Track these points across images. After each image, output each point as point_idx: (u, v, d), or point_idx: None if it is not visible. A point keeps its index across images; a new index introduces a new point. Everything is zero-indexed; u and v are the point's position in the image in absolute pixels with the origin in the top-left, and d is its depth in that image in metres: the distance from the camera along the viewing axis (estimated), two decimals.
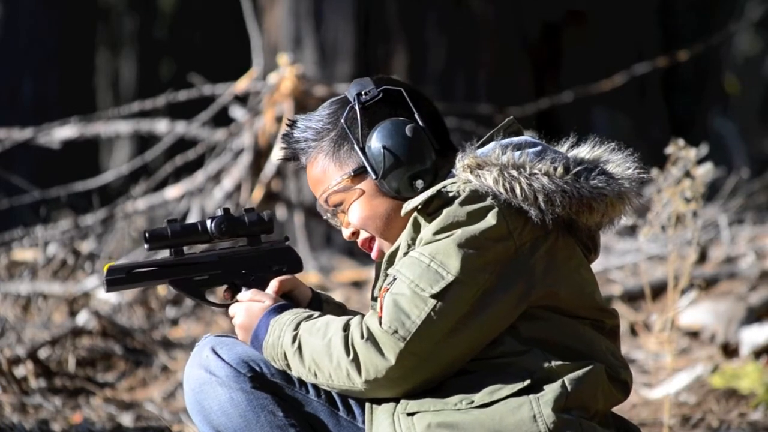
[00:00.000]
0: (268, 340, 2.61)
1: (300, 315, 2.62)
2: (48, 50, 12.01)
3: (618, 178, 2.57)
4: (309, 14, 8.73)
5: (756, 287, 5.84)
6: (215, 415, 2.64)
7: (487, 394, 2.49)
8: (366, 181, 2.68)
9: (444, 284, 2.48)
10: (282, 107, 6.52)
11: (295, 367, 2.58)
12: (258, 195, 6.49)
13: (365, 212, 2.68)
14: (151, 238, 2.71)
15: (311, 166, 2.73)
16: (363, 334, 2.50)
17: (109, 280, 2.71)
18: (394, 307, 2.48)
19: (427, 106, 2.70)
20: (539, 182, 2.50)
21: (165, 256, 2.75)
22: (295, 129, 2.74)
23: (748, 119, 15.82)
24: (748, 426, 4.38)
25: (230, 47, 14.23)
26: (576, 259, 2.59)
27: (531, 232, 2.52)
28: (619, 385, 2.59)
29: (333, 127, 2.70)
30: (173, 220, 2.73)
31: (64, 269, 6.43)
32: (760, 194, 7.92)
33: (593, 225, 2.60)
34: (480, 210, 2.51)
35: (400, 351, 2.47)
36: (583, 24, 9.24)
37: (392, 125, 2.64)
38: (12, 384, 5.22)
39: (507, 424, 2.47)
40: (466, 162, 2.56)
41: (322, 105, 2.74)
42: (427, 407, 2.51)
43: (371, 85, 2.68)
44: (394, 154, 2.63)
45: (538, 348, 2.52)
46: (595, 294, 2.61)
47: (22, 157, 9.74)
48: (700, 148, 4.23)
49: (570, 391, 2.49)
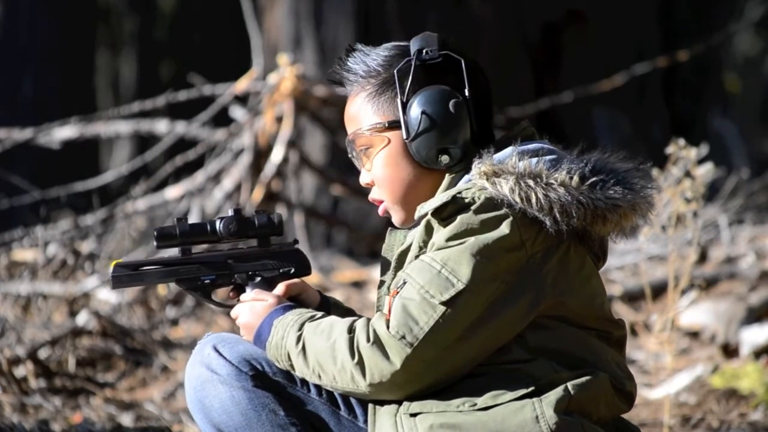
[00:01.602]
0: (272, 341, 2.60)
1: (304, 315, 2.61)
2: (48, 50, 12.00)
3: (633, 189, 2.56)
4: (309, 14, 8.73)
5: (756, 287, 5.84)
6: (216, 413, 2.63)
7: (490, 397, 2.49)
8: (396, 136, 2.65)
9: (454, 292, 2.47)
10: (282, 107, 6.52)
11: (299, 368, 2.58)
12: (258, 195, 6.49)
13: (387, 168, 2.67)
14: (159, 236, 2.71)
15: (351, 100, 2.71)
16: (369, 338, 2.49)
17: (115, 277, 2.71)
18: (402, 312, 2.47)
19: (481, 85, 2.67)
20: (555, 193, 2.49)
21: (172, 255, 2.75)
22: (350, 57, 2.71)
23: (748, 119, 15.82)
24: (748, 426, 4.38)
25: (230, 47, 14.23)
26: (587, 269, 2.59)
27: (544, 242, 2.51)
28: (623, 396, 2.59)
29: (384, 71, 2.67)
30: (182, 218, 2.73)
31: (64, 269, 6.43)
32: (760, 194, 7.92)
33: (606, 235, 2.60)
34: (494, 219, 2.49)
35: (406, 356, 2.46)
36: (583, 24, 9.24)
37: (438, 93, 2.62)
38: (12, 384, 5.22)
39: (509, 425, 2.47)
40: (482, 169, 2.53)
41: (384, 45, 2.71)
42: (430, 408, 2.51)
43: (435, 45, 2.64)
44: (431, 121, 2.60)
45: (544, 357, 2.51)
46: (604, 304, 2.61)
47: (22, 157, 9.73)
48: (700, 148, 4.23)
49: (573, 395, 2.49)
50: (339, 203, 8.28)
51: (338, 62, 2.72)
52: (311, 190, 8.24)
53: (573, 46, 9.21)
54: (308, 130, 7.75)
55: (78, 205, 7.02)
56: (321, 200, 8.32)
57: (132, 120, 7.00)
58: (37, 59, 11.93)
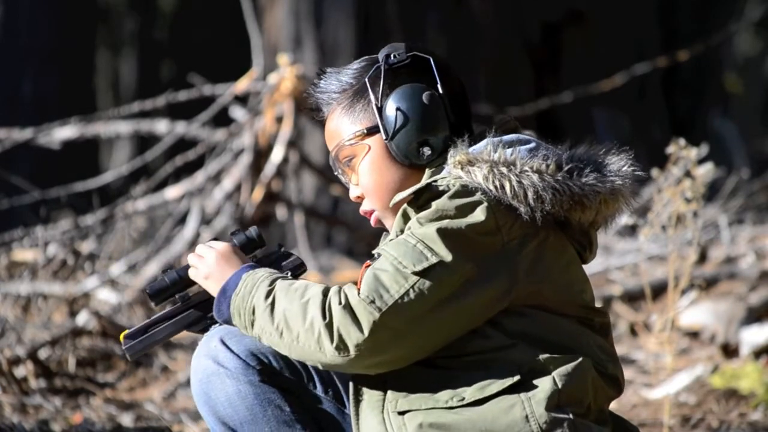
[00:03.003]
0: (239, 293, 2.57)
1: (276, 274, 2.60)
2: (48, 51, 12.01)
3: (610, 175, 2.57)
4: (309, 14, 8.74)
5: (756, 287, 5.84)
6: (222, 407, 2.63)
7: (477, 390, 2.48)
8: (377, 140, 2.67)
9: (427, 264, 2.46)
10: (282, 107, 6.52)
11: (260, 324, 2.54)
12: (258, 195, 6.49)
13: (373, 175, 2.68)
14: (153, 294, 2.72)
15: (329, 119, 2.73)
16: (341, 301, 2.47)
17: (128, 348, 2.72)
18: (374, 280, 2.47)
19: (453, 80, 2.69)
20: (529, 179, 2.50)
21: (174, 307, 2.75)
22: (322, 79, 2.74)
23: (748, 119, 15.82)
24: (748, 426, 4.38)
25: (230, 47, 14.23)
26: (566, 257, 2.58)
27: (520, 229, 2.51)
28: (609, 379, 2.58)
29: (356, 83, 2.70)
30: (168, 268, 2.73)
31: (64, 269, 6.43)
32: (760, 194, 7.93)
33: (586, 223, 2.60)
34: (469, 204, 2.50)
35: (374, 322, 2.44)
36: (583, 24, 9.24)
37: (411, 89, 2.64)
38: (12, 384, 5.22)
39: (499, 424, 2.46)
40: (457, 158, 2.55)
41: (354, 61, 2.75)
42: (418, 405, 2.50)
43: (402, 49, 2.68)
44: (406, 116, 2.63)
45: (525, 342, 2.51)
46: (584, 293, 2.60)
47: (22, 157, 9.73)
48: (700, 148, 4.23)
49: (561, 387, 2.48)
50: (339, 203, 8.28)
51: (311, 88, 2.75)
52: (311, 190, 8.25)
53: (573, 46, 9.22)
54: (308, 130, 7.75)
55: (78, 205, 7.02)
56: (321, 200, 8.33)
57: (132, 120, 6.99)
58: (37, 59, 11.94)
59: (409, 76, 2.66)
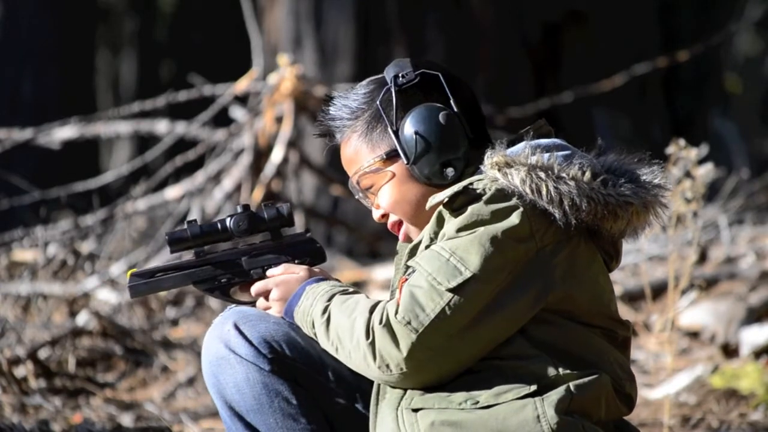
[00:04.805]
0: (301, 306, 2.61)
1: (336, 288, 2.62)
2: (48, 50, 12.01)
3: (645, 188, 2.57)
4: (309, 14, 8.74)
5: (756, 287, 5.84)
6: (230, 392, 2.64)
7: (492, 395, 2.49)
8: (398, 164, 2.67)
9: (461, 279, 2.47)
10: (282, 108, 6.52)
11: (321, 338, 2.58)
12: (258, 195, 6.49)
13: (395, 196, 2.68)
14: (172, 240, 2.72)
15: (345, 145, 2.73)
16: (382, 320, 2.49)
17: (132, 286, 2.73)
18: (410, 299, 2.48)
19: (464, 93, 2.69)
20: (566, 186, 2.50)
21: (187, 258, 2.75)
22: (331, 106, 2.74)
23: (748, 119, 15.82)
24: (748, 426, 4.37)
25: (230, 47, 14.23)
26: (596, 266, 2.59)
27: (554, 235, 2.52)
28: (624, 398, 2.58)
29: (368, 107, 2.69)
30: (192, 221, 2.73)
31: (64, 269, 6.43)
32: (760, 194, 7.93)
33: (617, 233, 2.59)
34: (505, 209, 2.50)
35: (412, 343, 2.46)
36: (583, 24, 9.24)
37: (426, 111, 2.64)
38: (12, 384, 5.22)
39: (510, 424, 2.46)
40: (494, 159, 2.55)
41: (360, 83, 2.74)
42: (432, 404, 2.51)
43: (409, 68, 2.67)
44: (426, 140, 2.62)
45: (547, 354, 2.51)
46: (612, 303, 2.61)
47: (22, 157, 9.73)
48: (700, 148, 4.23)
49: (574, 396, 2.48)
50: (339, 203, 8.28)
51: (320, 116, 2.75)
52: (311, 190, 8.25)
53: (573, 46, 9.21)
54: (308, 130, 7.75)
55: (78, 205, 7.02)
56: (321, 200, 8.33)
57: (132, 120, 6.99)
58: (37, 59, 11.93)
59: (421, 95, 2.66)
